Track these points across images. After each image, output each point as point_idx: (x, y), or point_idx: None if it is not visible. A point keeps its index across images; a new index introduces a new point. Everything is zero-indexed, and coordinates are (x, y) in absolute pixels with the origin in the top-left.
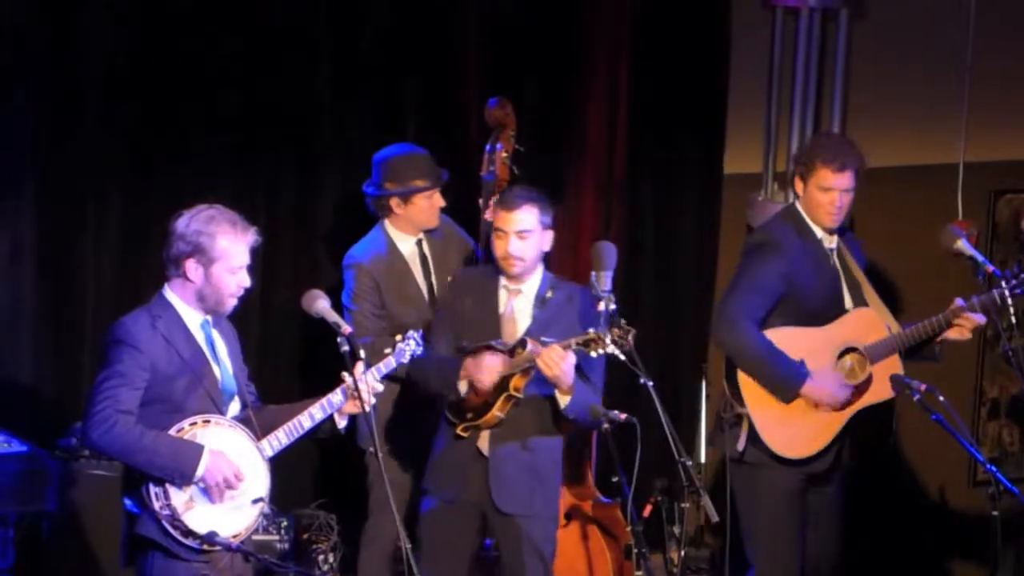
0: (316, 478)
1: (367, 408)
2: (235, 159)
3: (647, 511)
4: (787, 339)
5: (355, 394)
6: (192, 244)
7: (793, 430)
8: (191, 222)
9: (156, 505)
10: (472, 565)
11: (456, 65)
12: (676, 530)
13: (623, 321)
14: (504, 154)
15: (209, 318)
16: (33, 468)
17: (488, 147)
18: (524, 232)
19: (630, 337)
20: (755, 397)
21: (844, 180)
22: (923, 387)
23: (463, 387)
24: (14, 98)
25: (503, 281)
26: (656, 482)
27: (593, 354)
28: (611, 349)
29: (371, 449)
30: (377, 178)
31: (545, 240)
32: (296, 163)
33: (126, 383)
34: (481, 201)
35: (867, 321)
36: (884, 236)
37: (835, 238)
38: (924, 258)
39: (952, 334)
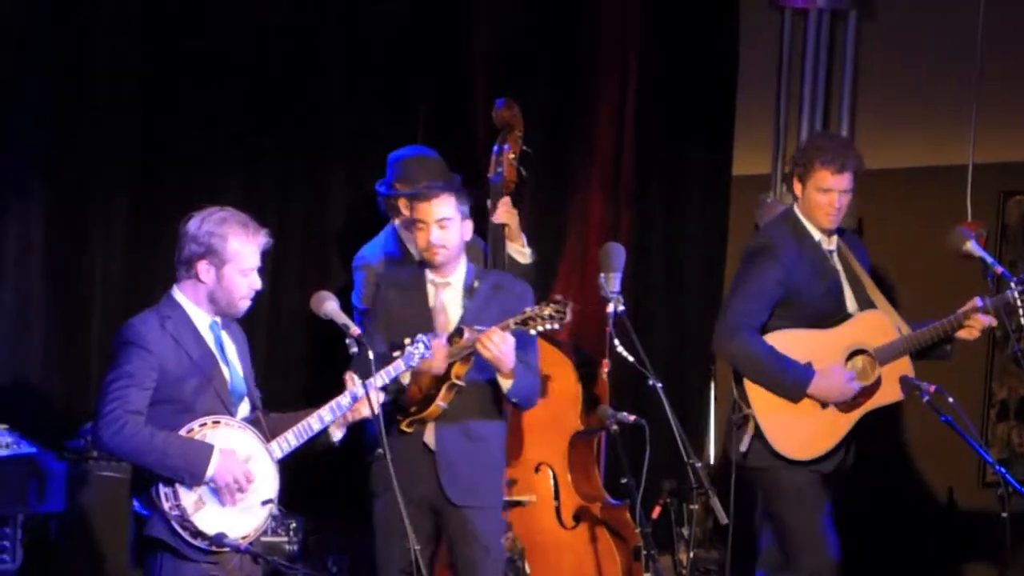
0: (323, 479)
1: (376, 411)
2: (244, 160)
3: (656, 513)
4: (794, 341)
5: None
6: (204, 246)
7: (802, 431)
8: (203, 224)
9: (166, 506)
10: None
11: (465, 66)
12: (685, 532)
13: (559, 296)
14: (511, 155)
15: (218, 319)
16: (41, 469)
17: (495, 148)
18: (444, 220)
19: (568, 310)
20: (762, 400)
21: (843, 181)
22: (932, 388)
23: (405, 379)
24: (23, 99)
25: (430, 275)
26: (665, 484)
27: (532, 331)
28: (551, 325)
29: (379, 451)
30: (390, 178)
31: (465, 229)
32: (305, 164)
33: (135, 384)
34: (489, 202)
35: (876, 323)
36: (893, 237)
37: (835, 239)
38: (933, 260)
39: (961, 334)
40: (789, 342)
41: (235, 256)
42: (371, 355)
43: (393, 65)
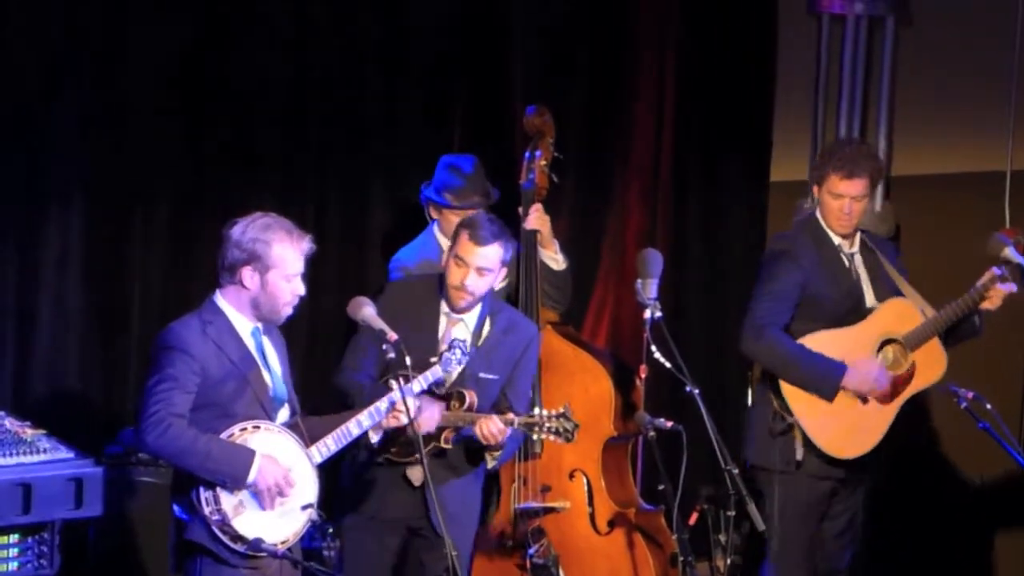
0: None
1: (412, 417)
2: (282, 165)
3: (693, 519)
4: (824, 341)
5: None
6: (248, 251)
7: (847, 429)
8: (247, 229)
9: (206, 510)
10: None
11: (503, 71)
12: (722, 538)
13: (565, 415)
14: (543, 162)
15: (260, 325)
16: (79, 474)
17: (527, 155)
18: (485, 270)
19: (574, 434)
20: (802, 404)
21: (854, 187)
22: (971, 395)
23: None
24: (63, 106)
25: (444, 307)
26: (702, 490)
27: (535, 436)
28: (551, 437)
29: (416, 455)
30: (439, 183)
31: (499, 277)
32: (343, 168)
33: (178, 387)
34: (521, 209)
35: (900, 310)
36: (930, 244)
37: (857, 240)
38: (971, 266)
39: (985, 305)
40: (819, 343)
41: (279, 262)
42: (408, 360)
43: (431, 68)
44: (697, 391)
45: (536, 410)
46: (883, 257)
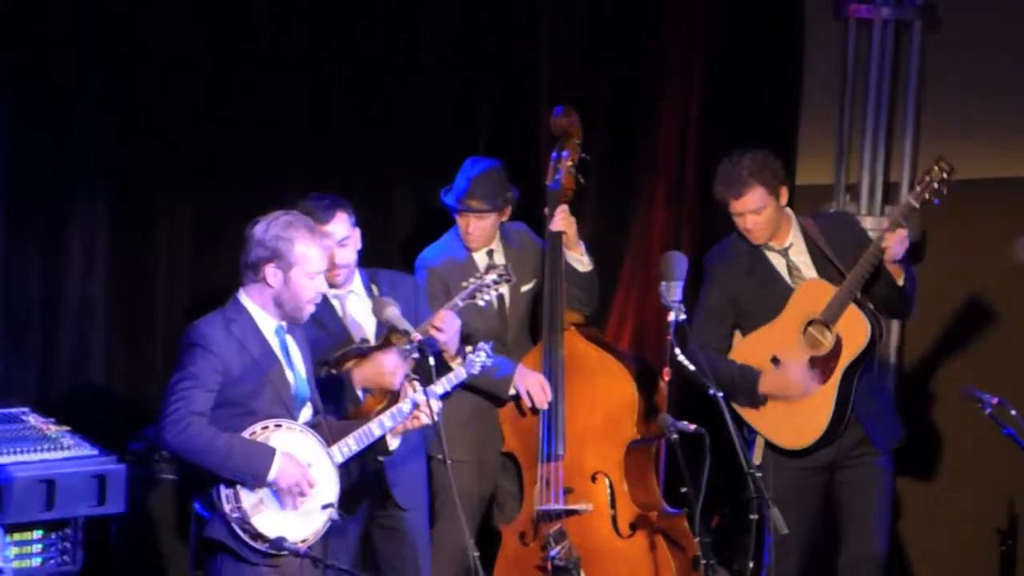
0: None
1: (434, 418)
2: (306, 164)
3: (715, 522)
4: (754, 343)
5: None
6: (271, 249)
7: (795, 419)
8: (269, 228)
9: (226, 507)
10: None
11: (528, 71)
12: (745, 541)
13: (491, 265)
14: (570, 163)
15: (284, 324)
16: (103, 471)
17: (554, 155)
18: (344, 240)
19: (509, 272)
20: (746, 409)
21: (744, 204)
22: (995, 401)
23: (360, 394)
24: (87, 101)
25: (330, 292)
26: (723, 493)
27: (480, 302)
28: (501, 290)
29: (439, 456)
30: (461, 192)
31: (357, 239)
32: (368, 168)
33: (199, 385)
34: (547, 210)
35: (812, 290)
36: (957, 249)
37: (791, 231)
38: (997, 271)
39: (886, 257)
40: (749, 345)
41: (302, 260)
42: (431, 361)
43: (457, 69)
44: (720, 394)
45: (470, 279)
46: (821, 239)
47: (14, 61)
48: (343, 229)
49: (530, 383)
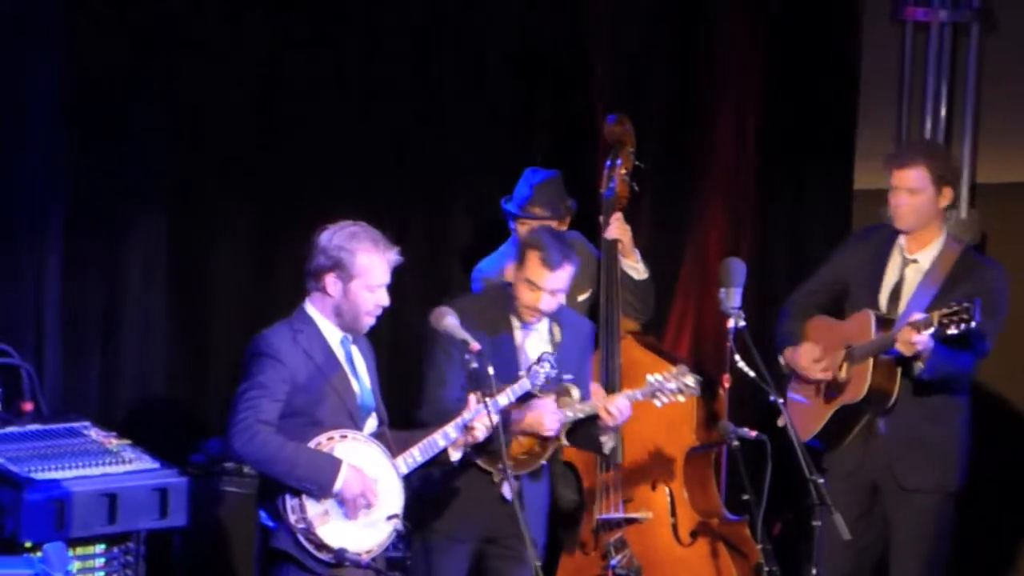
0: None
1: (499, 431)
2: (363, 172)
3: (777, 529)
4: (820, 325)
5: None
6: (332, 259)
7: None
8: (334, 237)
9: (292, 518)
10: None
11: (585, 79)
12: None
13: (681, 371)
14: (623, 171)
15: (349, 334)
16: (164, 484)
17: (608, 163)
18: (558, 291)
19: (697, 385)
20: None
21: (902, 177)
22: None
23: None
24: (144, 109)
25: (515, 321)
26: (786, 500)
27: (657, 403)
28: (680, 398)
29: (499, 466)
30: (523, 200)
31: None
32: (425, 175)
33: (267, 394)
34: (601, 218)
35: (864, 323)
36: (1016, 252)
37: (925, 249)
38: None
39: (898, 347)
40: (817, 325)
41: (363, 271)
42: (491, 371)
43: (513, 77)
44: (781, 400)
45: (650, 376)
46: (948, 273)
47: (72, 72)
48: (564, 282)
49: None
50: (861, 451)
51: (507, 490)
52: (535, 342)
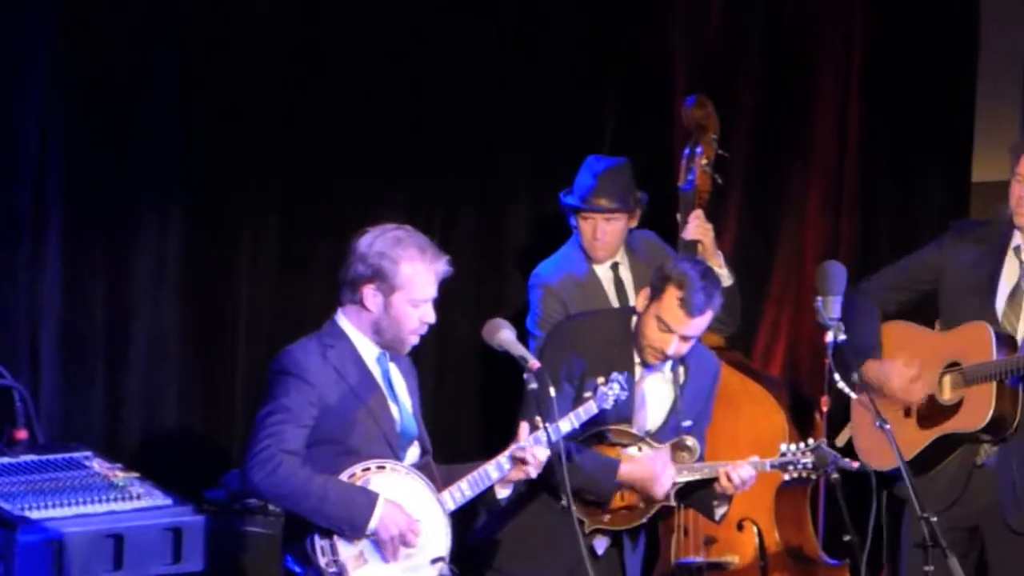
0: None
1: (563, 460)
2: (407, 171)
3: (883, 575)
4: (902, 334)
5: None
6: (372, 268)
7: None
8: (375, 242)
9: (322, 561)
10: None
11: (661, 66)
12: None
13: (820, 446)
14: (704, 160)
15: (387, 351)
16: (177, 524)
17: (686, 152)
18: (692, 337)
19: (833, 464)
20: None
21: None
22: None
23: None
24: (158, 103)
25: (636, 356)
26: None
27: (787, 476)
28: (815, 476)
29: (563, 502)
30: (586, 191)
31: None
32: (477, 174)
33: (292, 419)
34: (679, 216)
35: (976, 336)
36: None
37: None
38: None
39: None
40: (897, 332)
41: (407, 283)
42: (552, 392)
43: (581, 64)
44: (888, 426)
45: (784, 446)
46: None
47: (72, 63)
48: (700, 329)
49: None
50: (961, 486)
51: (601, 545)
52: (656, 383)
